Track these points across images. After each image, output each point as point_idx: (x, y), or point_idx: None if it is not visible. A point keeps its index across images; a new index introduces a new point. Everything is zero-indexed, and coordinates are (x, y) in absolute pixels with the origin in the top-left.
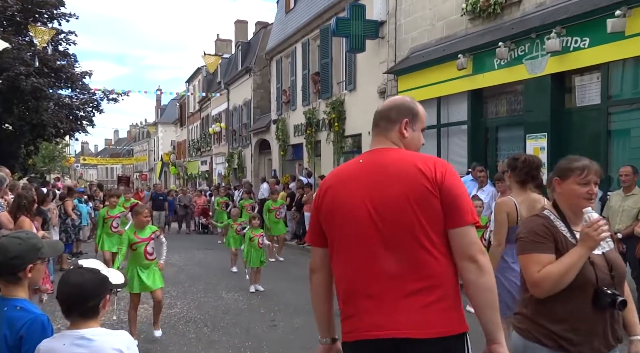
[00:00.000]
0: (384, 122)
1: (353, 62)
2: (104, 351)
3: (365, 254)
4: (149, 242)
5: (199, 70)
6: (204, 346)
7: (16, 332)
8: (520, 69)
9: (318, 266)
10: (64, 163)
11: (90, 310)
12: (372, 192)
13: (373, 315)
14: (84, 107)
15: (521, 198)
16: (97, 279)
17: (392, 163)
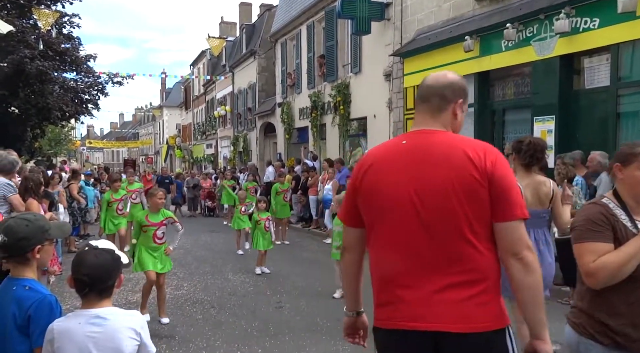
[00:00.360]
0: (438, 100)
1: (358, 45)
2: (119, 330)
3: (404, 242)
4: (160, 227)
5: (204, 53)
6: (210, 327)
7: (24, 311)
8: (528, 50)
9: (352, 246)
10: (70, 146)
11: (106, 289)
12: (416, 178)
13: (412, 306)
14: (89, 90)
15: (526, 181)
16: (113, 259)
17: (438, 147)
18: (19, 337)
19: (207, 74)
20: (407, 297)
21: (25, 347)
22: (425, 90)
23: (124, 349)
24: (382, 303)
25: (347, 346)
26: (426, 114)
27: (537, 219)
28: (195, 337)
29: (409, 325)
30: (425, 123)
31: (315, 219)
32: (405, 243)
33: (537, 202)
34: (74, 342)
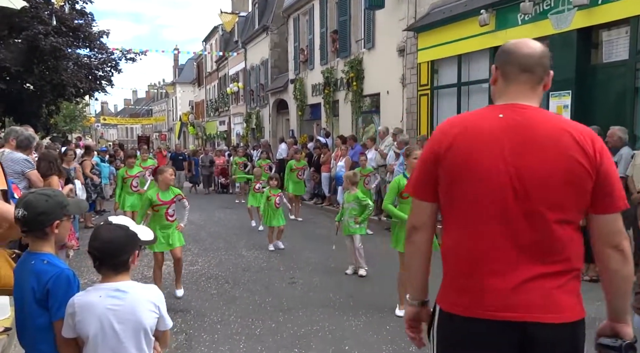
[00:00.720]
0: (541, 70)
1: (372, 20)
2: (139, 302)
3: (497, 225)
4: (171, 205)
5: (216, 29)
6: (225, 302)
7: (43, 285)
8: (545, 24)
9: (424, 223)
10: (85, 123)
11: (120, 264)
12: (518, 159)
13: (501, 295)
14: (102, 66)
15: None
16: (126, 235)
17: (543, 128)
18: (37, 310)
19: (219, 50)
20: (497, 285)
21: (44, 319)
22: (526, 59)
23: (144, 321)
24: (462, 288)
25: (359, 322)
26: (526, 86)
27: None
28: (210, 312)
29: (497, 315)
30: (524, 96)
31: (328, 196)
32: (499, 227)
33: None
34: (95, 315)
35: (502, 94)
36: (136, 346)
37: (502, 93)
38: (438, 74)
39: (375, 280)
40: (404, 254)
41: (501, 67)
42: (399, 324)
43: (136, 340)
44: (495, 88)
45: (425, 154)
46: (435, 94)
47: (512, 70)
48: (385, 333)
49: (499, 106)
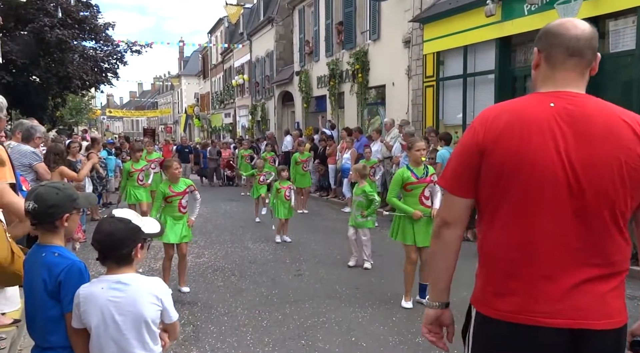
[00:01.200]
0: (591, 54)
1: (377, 11)
2: (141, 295)
3: (548, 223)
4: (184, 196)
5: (221, 21)
6: (232, 294)
7: (55, 277)
8: (552, 14)
9: (457, 219)
10: (91, 115)
11: (122, 257)
12: (574, 148)
13: (551, 300)
14: (108, 59)
15: None
16: (127, 229)
17: (598, 117)
18: (49, 302)
19: (224, 42)
20: (546, 289)
21: (56, 311)
22: (575, 42)
23: (144, 314)
24: (506, 290)
25: (365, 313)
26: (575, 72)
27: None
28: (217, 303)
29: (547, 321)
30: (573, 83)
31: (334, 188)
32: (551, 227)
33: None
34: (97, 306)
35: (547, 81)
36: (137, 338)
37: (548, 79)
38: (444, 65)
39: (381, 271)
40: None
41: (545, 50)
42: (405, 315)
43: (137, 331)
44: (538, 73)
45: (465, 146)
46: (441, 86)
47: (558, 54)
48: (391, 324)
49: (548, 94)
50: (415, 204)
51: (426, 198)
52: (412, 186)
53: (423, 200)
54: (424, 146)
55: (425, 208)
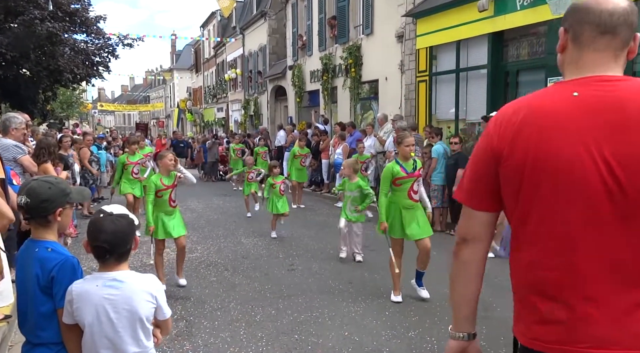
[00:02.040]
0: (626, 31)
1: (370, 5)
2: (135, 292)
3: (587, 234)
4: (174, 189)
5: (214, 15)
6: (225, 289)
7: (48, 272)
8: (544, 9)
9: (478, 236)
10: (82, 109)
11: (124, 254)
12: (606, 142)
13: (600, 326)
14: (99, 52)
15: None
16: (129, 224)
17: (633, 100)
18: (42, 297)
19: (217, 36)
20: (593, 314)
21: (48, 307)
22: (608, 17)
23: (139, 311)
24: (547, 319)
25: (359, 308)
26: (607, 52)
27: None
28: (210, 298)
29: (595, 352)
30: (605, 65)
31: (327, 183)
32: (591, 239)
33: None
34: (92, 303)
35: (573, 64)
36: (132, 335)
37: (574, 63)
38: (437, 60)
39: (374, 266)
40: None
41: (572, 28)
42: (398, 310)
43: (132, 329)
44: (564, 57)
45: (479, 153)
46: (433, 80)
47: (587, 32)
48: (384, 318)
49: (571, 82)
50: (404, 198)
51: (414, 192)
52: (401, 181)
53: (412, 194)
54: (413, 141)
55: (413, 202)
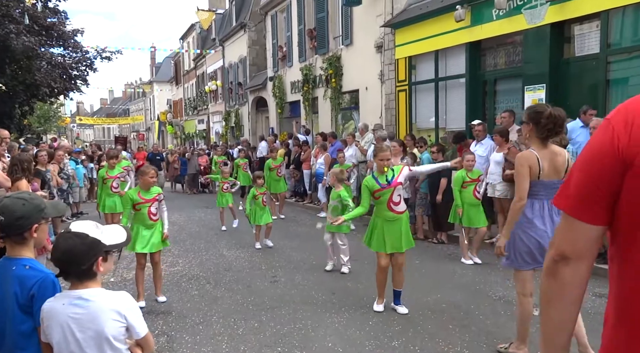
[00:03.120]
0: None
1: (349, 16)
2: (102, 311)
3: None
4: (153, 203)
5: (193, 27)
6: (207, 302)
7: (27, 290)
8: (519, 19)
9: (583, 253)
10: (60, 123)
11: (83, 273)
12: None
13: None
14: (77, 66)
15: (542, 152)
16: (84, 244)
17: None
18: (20, 316)
19: (197, 48)
20: None
21: (28, 325)
22: None
23: (105, 331)
24: None
25: (342, 318)
26: None
27: (552, 190)
28: (192, 313)
29: None
30: None
31: (309, 193)
32: None
33: (552, 172)
34: (58, 322)
35: None
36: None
37: None
38: (416, 70)
39: (358, 276)
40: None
41: None
42: (381, 320)
43: (99, 349)
44: None
45: (597, 153)
46: (413, 90)
47: None
48: (368, 328)
49: None
50: (384, 210)
51: (395, 203)
52: (379, 193)
53: (392, 205)
54: (389, 156)
55: (395, 214)
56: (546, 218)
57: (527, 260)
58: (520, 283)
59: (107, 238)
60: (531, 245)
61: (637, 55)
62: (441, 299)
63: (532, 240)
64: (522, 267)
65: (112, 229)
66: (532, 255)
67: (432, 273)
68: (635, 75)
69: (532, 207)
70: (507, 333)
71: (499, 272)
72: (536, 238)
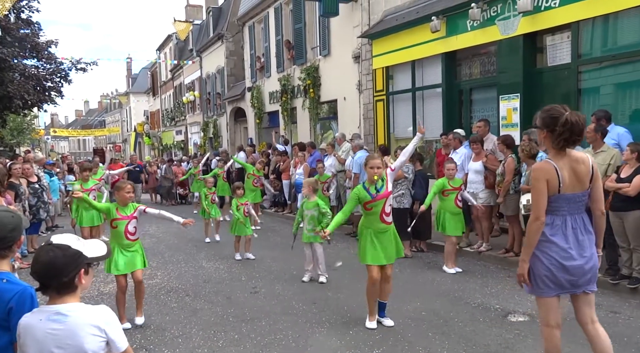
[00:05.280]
0: None
1: (327, 27)
2: (80, 326)
3: None
4: (131, 221)
5: (170, 38)
6: (186, 315)
7: (5, 304)
8: (493, 30)
9: None
10: (34, 135)
11: (63, 286)
12: None
13: None
14: (51, 77)
15: (561, 161)
16: (66, 256)
17: None
18: None
19: (174, 58)
20: None
21: (4, 340)
22: None
23: (85, 346)
24: None
25: (322, 328)
26: None
27: (575, 204)
28: (171, 326)
29: None
30: None
31: (289, 204)
32: None
33: (575, 183)
34: (35, 339)
35: None
36: None
37: None
38: (393, 80)
39: (338, 286)
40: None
41: None
42: (362, 329)
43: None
44: None
45: None
46: (390, 99)
47: None
48: (348, 338)
49: None
50: (376, 222)
51: (387, 214)
52: (371, 205)
53: (384, 217)
54: (379, 163)
55: (386, 225)
56: (569, 236)
57: (549, 285)
58: (542, 312)
59: (89, 251)
60: (552, 267)
61: (607, 65)
62: (421, 307)
63: (553, 261)
64: (543, 293)
65: (92, 243)
66: (554, 279)
67: (411, 281)
68: (605, 84)
69: (552, 224)
70: (485, 340)
71: (477, 279)
72: (557, 259)
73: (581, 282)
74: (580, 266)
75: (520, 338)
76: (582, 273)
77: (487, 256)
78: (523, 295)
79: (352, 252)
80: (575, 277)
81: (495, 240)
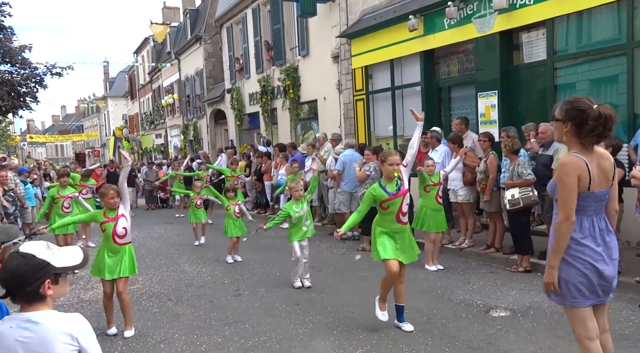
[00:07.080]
0: None
1: (305, 27)
2: (52, 334)
3: None
4: (118, 222)
5: (147, 40)
6: (168, 320)
7: None
8: (470, 28)
9: None
10: (9, 142)
11: (29, 295)
12: None
13: None
14: (26, 82)
15: (589, 156)
16: (29, 265)
17: None
18: None
19: (152, 61)
20: None
21: None
22: None
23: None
24: None
25: (306, 329)
26: None
27: (601, 203)
28: (153, 331)
29: None
30: None
31: (271, 205)
32: None
33: (603, 180)
34: (4, 346)
35: None
36: None
37: None
38: (372, 79)
39: (321, 286)
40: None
41: None
42: (346, 328)
43: None
44: None
45: None
46: (370, 99)
47: None
48: (332, 338)
49: None
50: (392, 222)
51: (403, 214)
52: (388, 203)
53: (400, 217)
54: (398, 160)
55: (402, 225)
56: (598, 238)
57: (585, 293)
58: (579, 325)
59: (60, 260)
60: (588, 272)
61: (582, 61)
62: (423, 308)
63: (588, 265)
64: (578, 303)
65: (68, 250)
66: (589, 286)
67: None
68: (580, 80)
69: (581, 226)
70: (468, 336)
71: (459, 276)
72: (592, 262)
73: (612, 288)
74: (611, 270)
75: (502, 334)
76: (612, 278)
77: (469, 252)
78: (505, 291)
79: (335, 252)
80: (608, 282)
81: (476, 236)
